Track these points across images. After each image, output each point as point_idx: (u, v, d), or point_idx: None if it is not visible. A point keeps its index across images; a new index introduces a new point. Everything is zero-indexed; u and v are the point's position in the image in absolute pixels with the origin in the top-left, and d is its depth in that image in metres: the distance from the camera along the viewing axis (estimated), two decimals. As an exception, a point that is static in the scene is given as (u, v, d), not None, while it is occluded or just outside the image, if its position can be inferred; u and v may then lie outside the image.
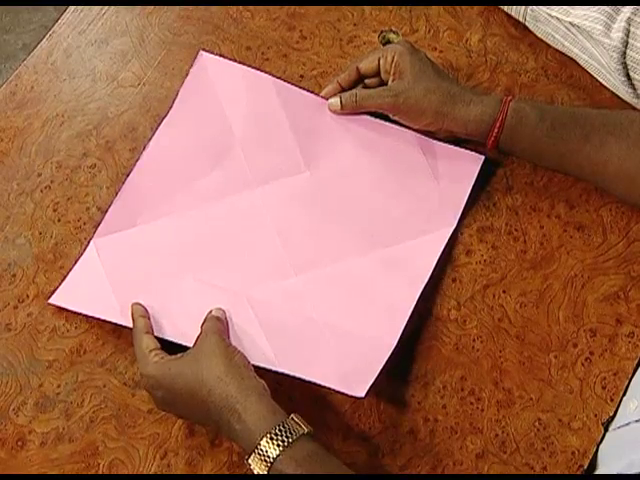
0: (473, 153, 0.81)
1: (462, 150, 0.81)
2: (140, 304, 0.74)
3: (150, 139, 0.84)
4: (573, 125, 0.75)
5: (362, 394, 0.70)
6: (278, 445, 0.62)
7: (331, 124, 0.83)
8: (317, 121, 0.83)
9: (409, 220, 0.79)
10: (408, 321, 0.74)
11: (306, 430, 0.64)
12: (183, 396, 0.67)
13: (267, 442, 0.62)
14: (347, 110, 0.82)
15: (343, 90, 0.84)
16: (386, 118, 0.83)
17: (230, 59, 0.88)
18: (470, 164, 0.81)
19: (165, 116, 0.85)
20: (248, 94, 0.85)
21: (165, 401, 0.69)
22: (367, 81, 0.84)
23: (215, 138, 0.83)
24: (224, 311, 0.74)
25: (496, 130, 0.76)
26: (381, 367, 0.71)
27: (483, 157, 0.81)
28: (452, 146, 0.82)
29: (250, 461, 0.63)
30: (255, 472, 0.63)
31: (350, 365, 0.72)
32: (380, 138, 0.83)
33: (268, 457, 0.62)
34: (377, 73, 0.82)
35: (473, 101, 0.77)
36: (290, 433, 0.63)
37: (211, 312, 0.74)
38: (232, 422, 0.64)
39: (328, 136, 0.83)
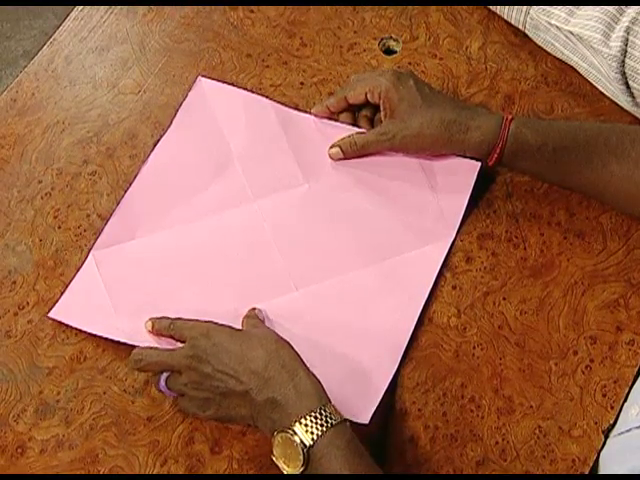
0: (470, 160, 0.81)
1: (459, 158, 0.81)
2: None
3: (149, 154, 0.84)
4: (574, 147, 0.74)
5: (366, 421, 0.70)
6: (322, 425, 0.63)
7: (329, 142, 0.83)
8: (315, 139, 0.84)
9: (408, 232, 0.79)
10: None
11: (344, 418, 0.65)
12: (233, 348, 0.67)
13: (310, 421, 0.63)
14: (350, 156, 0.82)
15: (332, 114, 0.84)
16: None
17: (230, 79, 0.88)
18: (467, 172, 0.81)
19: (164, 132, 0.85)
20: (246, 115, 0.85)
21: (207, 352, 0.67)
22: (362, 114, 0.84)
23: (213, 153, 0.84)
24: (260, 311, 0.75)
25: (496, 155, 0.76)
26: (384, 391, 0.72)
27: (479, 164, 0.81)
28: (449, 155, 0.81)
29: (283, 433, 0.63)
30: (282, 447, 0.63)
31: (352, 390, 0.72)
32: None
33: (313, 432, 0.63)
34: (365, 103, 0.82)
35: (470, 128, 0.76)
36: (331, 418, 0.63)
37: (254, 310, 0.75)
38: (284, 387, 0.65)
39: (326, 152, 0.83)
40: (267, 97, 0.86)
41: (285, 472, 0.64)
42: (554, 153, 0.74)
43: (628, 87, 0.80)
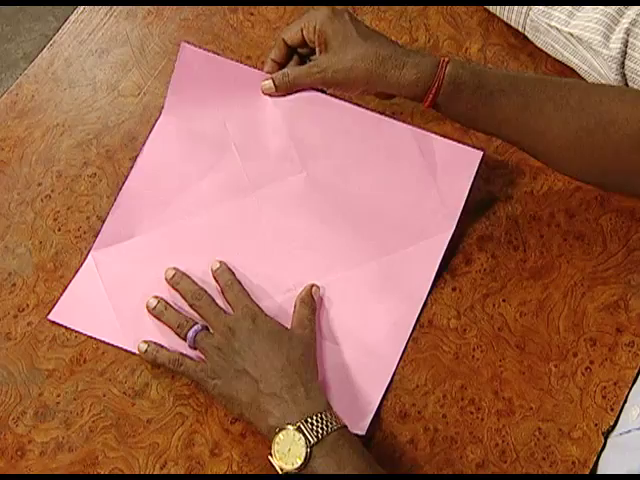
0: (472, 149, 0.79)
1: (460, 146, 0.79)
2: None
3: (143, 145, 0.83)
4: (512, 91, 0.72)
5: (363, 432, 0.70)
6: (326, 426, 0.65)
7: (325, 119, 0.80)
8: (310, 115, 0.81)
9: (408, 225, 0.78)
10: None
11: (345, 425, 0.67)
12: (269, 340, 0.70)
13: (316, 421, 0.65)
14: (282, 91, 0.80)
15: (280, 66, 0.82)
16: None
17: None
18: (469, 160, 0.78)
19: (156, 121, 0.84)
20: (238, 91, 0.82)
21: (245, 331, 0.71)
22: (300, 51, 0.82)
23: (209, 141, 0.82)
24: (318, 287, 0.76)
25: (431, 96, 0.73)
26: (379, 400, 0.72)
27: (482, 153, 0.78)
28: (450, 141, 0.79)
29: (287, 431, 0.65)
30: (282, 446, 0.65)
31: (348, 401, 0.72)
32: (376, 134, 0.80)
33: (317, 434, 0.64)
34: (304, 43, 0.80)
35: (407, 64, 0.73)
36: (334, 422, 0.65)
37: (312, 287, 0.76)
38: (293, 389, 0.67)
39: (323, 133, 0.81)
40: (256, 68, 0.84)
41: (281, 471, 0.64)
42: (491, 96, 0.72)
43: (628, 89, 0.80)
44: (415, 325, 0.75)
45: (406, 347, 0.74)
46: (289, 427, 0.64)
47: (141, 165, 0.82)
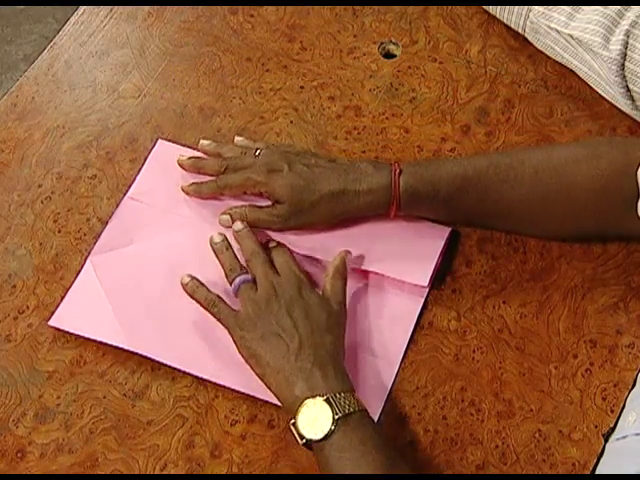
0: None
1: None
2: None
3: (145, 158, 0.84)
4: (467, 187, 0.74)
5: None
6: (354, 404, 0.66)
7: None
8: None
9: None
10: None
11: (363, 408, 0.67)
12: (311, 312, 0.71)
13: (345, 397, 0.66)
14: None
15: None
16: None
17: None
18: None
19: (153, 146, 0.85)
20: None
21: (287, 297, 0.71)
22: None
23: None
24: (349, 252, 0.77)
25: (392, 213, 0.76)
26: (384, 403, 0.72)
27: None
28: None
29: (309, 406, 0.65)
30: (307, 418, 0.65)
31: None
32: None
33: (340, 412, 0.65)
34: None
35: (360, 193, 0.75)
36: (356, 403, 0.66)
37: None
38: (324, 366, 0.67)
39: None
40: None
41: (301, 440, 0.65)
42: (448, 198, 0.74)
43: (628, 90, 0.80)
44: (415, 327, 0.75)
45: (406, 349, 0.74)
46: (318, 398, 0.65)
47: (140, 180, 0.83)
